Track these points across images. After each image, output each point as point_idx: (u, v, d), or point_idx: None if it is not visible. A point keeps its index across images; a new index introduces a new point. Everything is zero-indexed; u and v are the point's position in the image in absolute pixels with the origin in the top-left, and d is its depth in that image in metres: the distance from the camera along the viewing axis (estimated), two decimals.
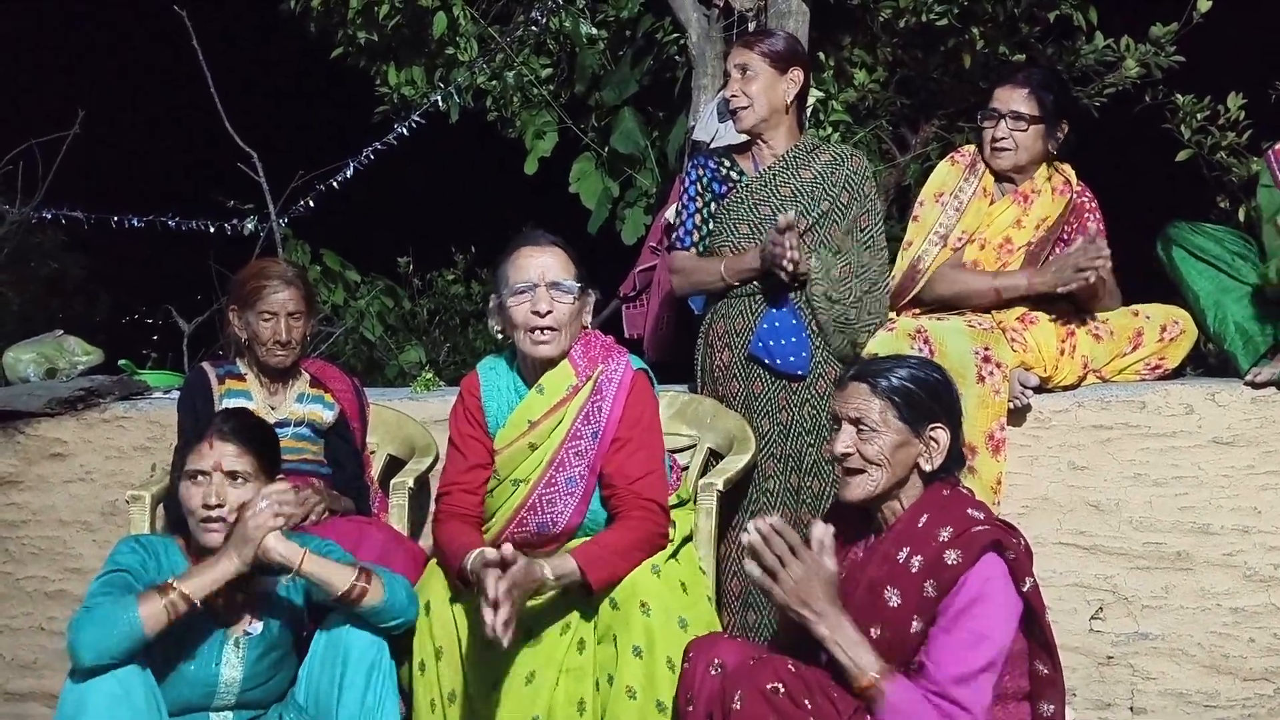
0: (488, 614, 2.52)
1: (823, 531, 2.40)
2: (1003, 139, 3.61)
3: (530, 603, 2.72)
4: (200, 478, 2.67)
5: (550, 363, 2.96)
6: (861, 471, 2.50)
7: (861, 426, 2.50)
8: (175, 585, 2.53)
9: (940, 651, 2.34)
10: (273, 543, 2.60)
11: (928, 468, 2.50)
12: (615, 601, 2.73)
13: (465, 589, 2.77)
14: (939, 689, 2.32)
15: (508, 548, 2.60)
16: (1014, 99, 3.60)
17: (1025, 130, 3.59)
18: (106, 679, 2.46)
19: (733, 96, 3.45)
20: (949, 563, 2.36)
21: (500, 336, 3.01)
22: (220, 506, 2.65)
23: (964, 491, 2.55)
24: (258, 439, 2.74)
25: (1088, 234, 3.54)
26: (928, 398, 2.50)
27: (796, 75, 3.46)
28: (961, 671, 2.32)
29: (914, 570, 2.40)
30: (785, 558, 2.34)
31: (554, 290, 2.90)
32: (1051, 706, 2.47)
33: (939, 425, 2.50)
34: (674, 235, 3.61)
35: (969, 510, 2.45)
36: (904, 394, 2.49)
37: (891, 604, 2.40)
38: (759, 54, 3.43)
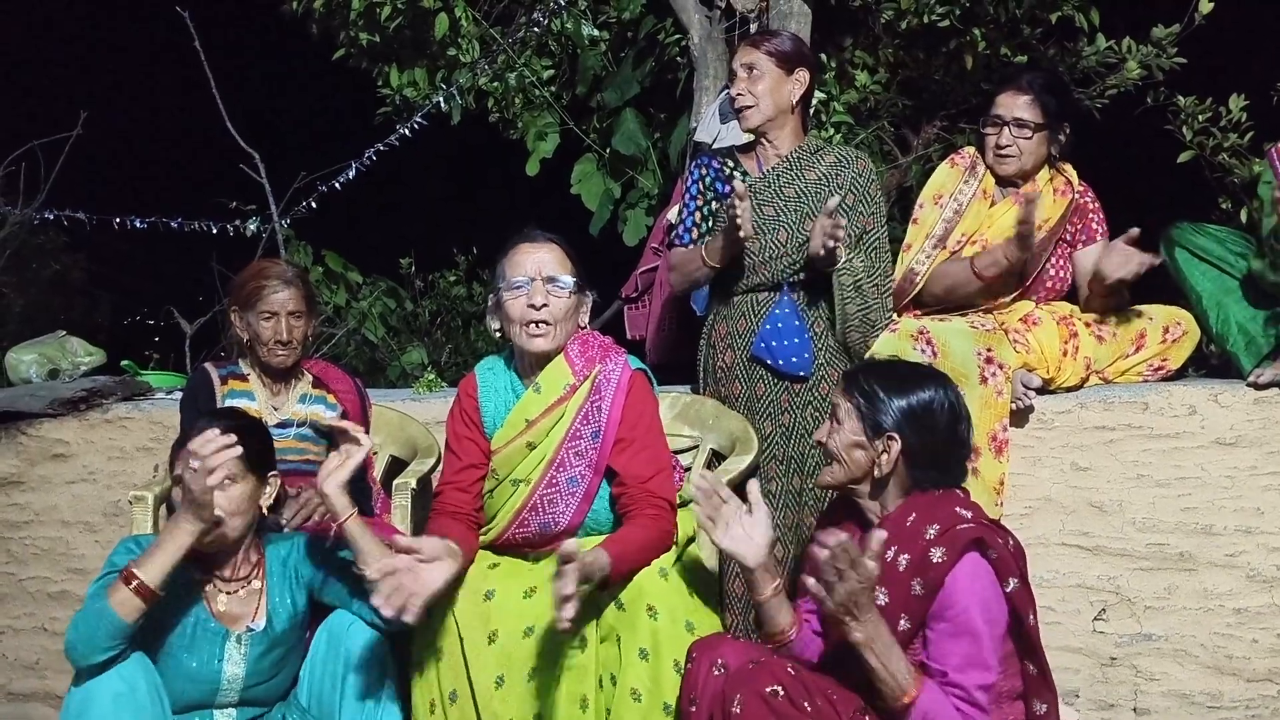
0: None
1: (877, 539, 2.34)
2: (1007, 146, 3.60)
3: (533, 600, 2.74)
4: None
5: (546, 360, 2.97)
6: (830, 462, 2.61)
7: (834, 420, 2.61)
8: (134, 569, 2.50)
9: (951, 657, 2.36)
10: (332, 489, 2.63)
11: (876, 474, 2.56)
12: (621, 603, 2.73)
13: (459, 588, 2.78)
14: (964, 694, 2.35)
15: (571, 543, 2.59)
16: (1017, 105, 3.59)
17: (1029, 138, 3.58)
18: (110, 677, 2.47)
19: (738, 95, 3.44)
20: (934, 561, 2.38)
21: (498, 334, 3.03)
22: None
23: (957, 493, 2.56)
24: (242, 439, 2.68)
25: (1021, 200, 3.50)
26: (892, 407, 2.52)
27: (803, 76, 3.46)
28: (977, 677, 2.35)
29: (901, 569, 2.42)
30: (845, 572, 2.30)
31: (550, 285, 2.91)
32: (1044, 706, 2.50)
33: (893, 437, 2.52)
34: (673, 233, 3.61)
35: (957, 509, 2.47)
36: (868, 399, 2.55)
37: (879, 602, 2.41)
38: (766, 53, 3.42)
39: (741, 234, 3.21)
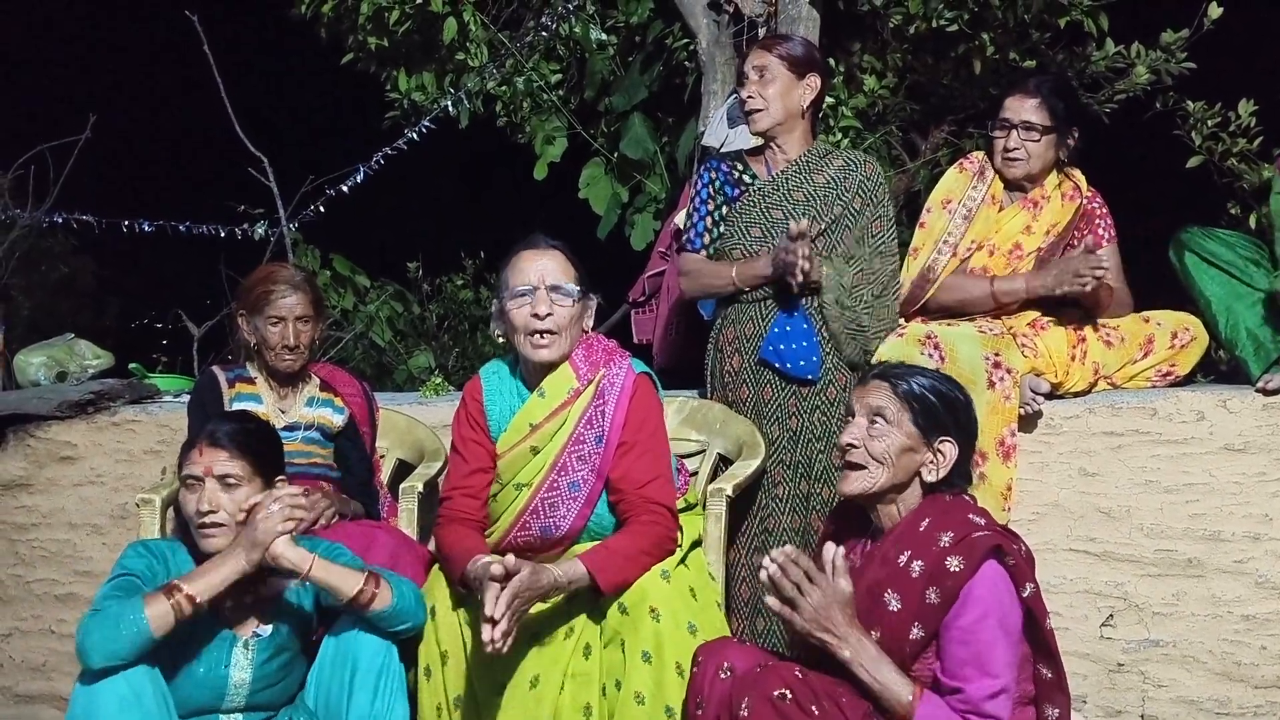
0: (486, 630, 2.52)
1: (833, 552, 2.39)
2: (1015, 149, 3.60)
3: (537, 608, 2.72)
4: (193, 483, 2.67)
5: (551, 366, 2.96)
6: (862, 467, 2.51)
7: (875, 421, 2.51)
8: (181, 585, 2.53)
9: (961, 668, 2.35)
10: (281, 548, 2.60)
11: (930, 478, 2.52)
12: (624, 606, 2.73)
13: (468, 594, 2.77)
14: (971, 706, 2.33)
15: (510, 558, 2.60)
16: (1025, 109, 3.59)
17: (1037, 140, 3.58)
18: (116, 681, 2.47)
19: (749, 98, 3.44)
20: (951, 570, 2.36)
21: (502, 340, 3.03)
22: (213, 512, 2.65)
23: (966, 499, 2.55)
24: (251, 442, 2.72)
25: (1087, 245, 3.51)
26: (944, 410, 2.52)
27: (813, 81, 3.46)
28: (989, 686, 2.33)
29: (914, 575, 2.40)
30: (803, 585, 2.32)
31: (554, 293, 2.91)
32: (1056, 710, 2.48)
33: (948, 439, 2.51)
34: (684, 237, 3.61)
35: (970, 516, 2.45)
36: (922, 401, 2.51)
37: (891, 608, 2.40)
38: (777, 57, 3.42)
39: (795, 280, 3.20)
